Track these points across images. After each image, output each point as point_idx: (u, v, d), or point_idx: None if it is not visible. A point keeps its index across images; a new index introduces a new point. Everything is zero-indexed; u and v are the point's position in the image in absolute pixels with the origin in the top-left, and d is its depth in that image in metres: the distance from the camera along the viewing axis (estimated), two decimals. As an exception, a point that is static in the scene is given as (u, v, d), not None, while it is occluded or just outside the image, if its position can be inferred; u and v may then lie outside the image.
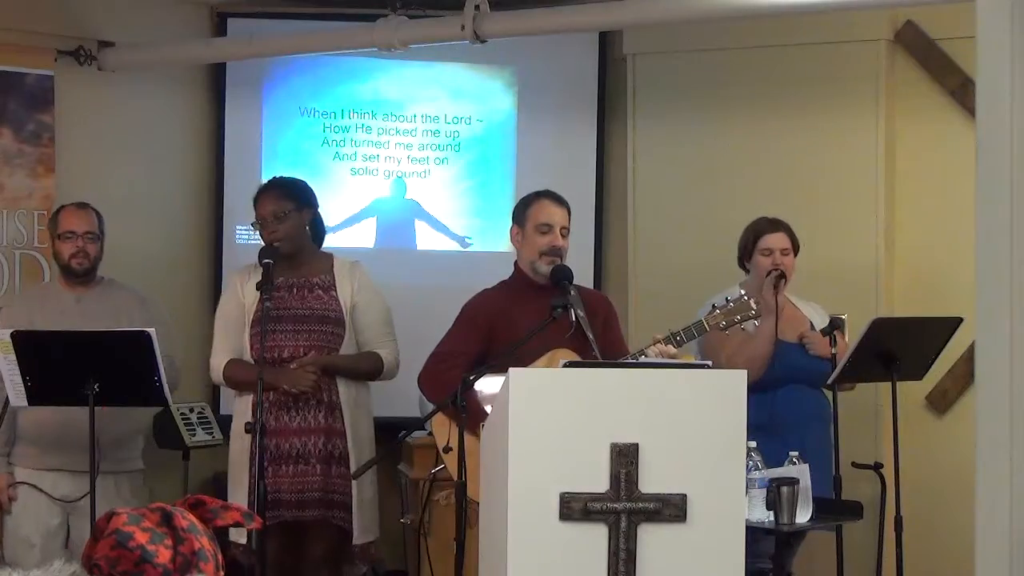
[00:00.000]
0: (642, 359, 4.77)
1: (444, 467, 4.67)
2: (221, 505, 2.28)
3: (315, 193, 5.52)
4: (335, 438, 5.30)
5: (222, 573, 2.21)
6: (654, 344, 4.79)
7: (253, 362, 5.28)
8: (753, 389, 5.19)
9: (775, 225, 5.50)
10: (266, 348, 5.21)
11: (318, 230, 5.52)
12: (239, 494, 5.19)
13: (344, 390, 5.33)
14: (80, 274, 5.42)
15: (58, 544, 5.34)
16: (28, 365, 4.93)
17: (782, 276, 5.35)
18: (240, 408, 5.35)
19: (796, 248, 5.48)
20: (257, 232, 5.43)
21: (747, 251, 5.51)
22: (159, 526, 2.18)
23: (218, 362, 5.39)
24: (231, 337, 5.39)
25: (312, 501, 5.26)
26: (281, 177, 5.60)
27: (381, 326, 5.43)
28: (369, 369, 5.39)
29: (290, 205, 5.36)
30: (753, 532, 4.18)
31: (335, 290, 5.39)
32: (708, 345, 5.30)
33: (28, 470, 5.36)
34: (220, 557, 2.22)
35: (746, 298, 4.89)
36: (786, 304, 5.42)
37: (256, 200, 5.44)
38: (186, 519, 2.20)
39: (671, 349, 4.78)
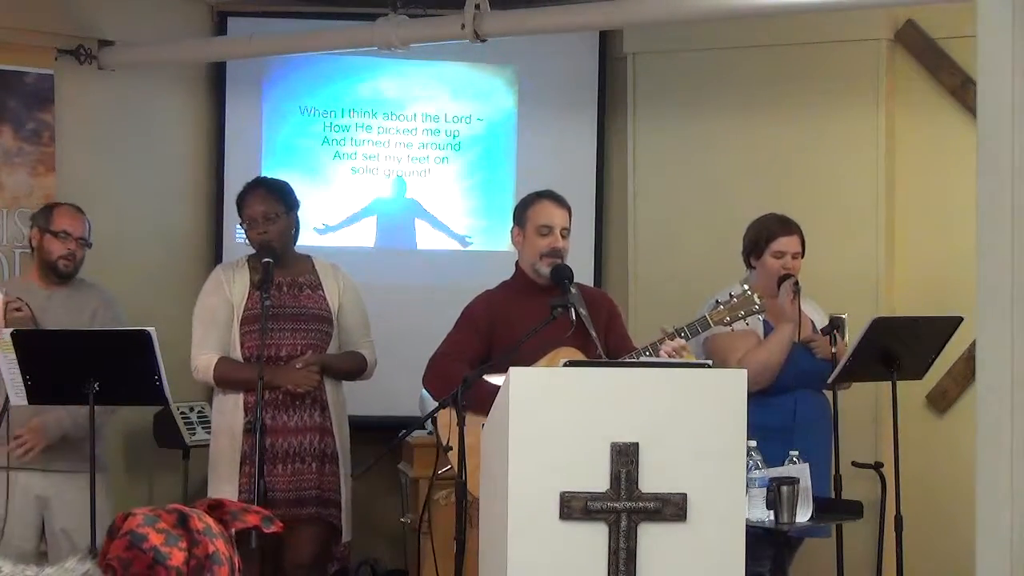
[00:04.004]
0: (650, 355, 4.75)
1: (450, 467, 4.66)
2: (240, 508, 2.27)
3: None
4: (327, 437, 5.34)
5: None
6: (664, 338, 4.76)
7: (243, 360, 5.28)
8: (772, 392, 5.21)
9: (789, 227, 5.40)
10: (263, 346, 5.22)
11: (296, 232, 5.53)
12: (224, 492, 5.17)
13: (330, 390, 5.37)
14: (64, 276, 5.41)
15: (31, 545, 5.30)
16: (28, 364, 4.93)
17: (797, 283, 5.30)
18: (226, 407, 5.32)
19: (804, 250, 5.44)
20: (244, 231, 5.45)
21: (757, 249, 5.41)
22: (174, 528, 2.16)
23: (206, 360, 5.32)
24: (216, 334, 5.35)
25: (308, 499, 5.28)
26: (267, 178, 5.66)
27: (363, 328, 5.50)
28: (355, 369, 5.45)
29: (281, 207, 5.38)
30: (752, 537, 4.16)
31: (322, 290, 5.43)
32: (717, 347, 5.27)
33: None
34: (237, 560, 2.20)
35: (749, 293, 4.86)
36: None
37: (243, 200, 5.43)
38: (202, 521, 2.18)
39: (683, 342, 4.76)
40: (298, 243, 5.51)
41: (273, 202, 5.37)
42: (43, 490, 5.30)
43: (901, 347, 5.22)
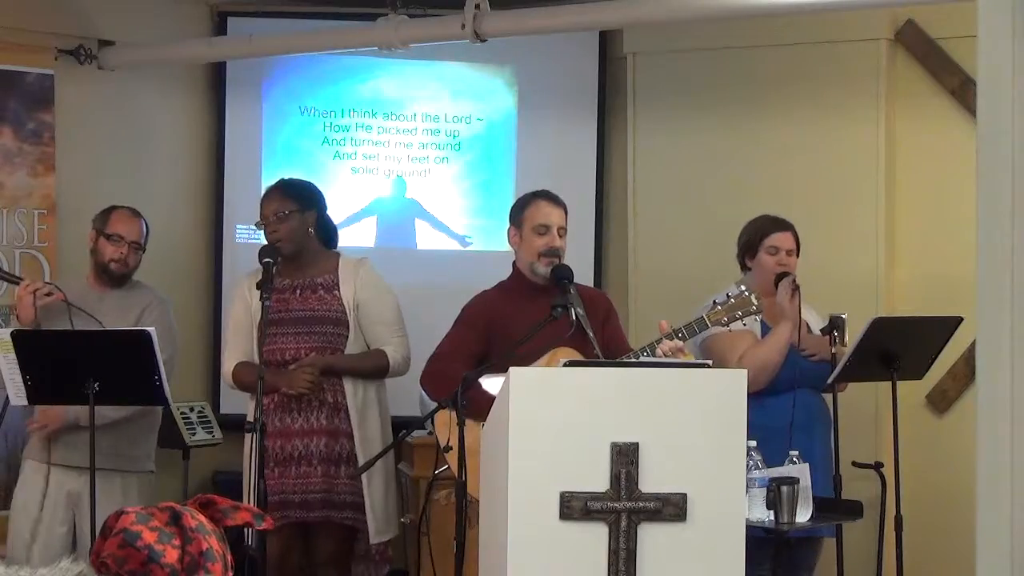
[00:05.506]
0: (648, 355, 4.74)
1: (447, 467, 4.66)
2: (231, 505, 2.28)
3: (322, 195, 5.53)
4: (341, 439, 5.31)
5: (231, 574, 2.20)
6: (663, 337, 4.76)
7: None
8: (771, 392, 5.20)
9: (782, 224, 5.41)
10: (269, 350, 5.23)
11: (327, 231, 5.52)
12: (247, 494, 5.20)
13: (351, 391, 5.33)
14: (116, 278, 5.41)
15: (61, 542, 5.32)
16: (28, 364, 4.93)
17: (795, 281, 5.29)
18: (250, 409, 5.36)
19: (799, 248, 5.45)
20: (260, 232, 5.45)
21: (751, 248, 5.42)
22: (167, 526, 2.17)
23: (228, 366, 5.44)
24: (240, 341, 5.42)
25: (316, 502, 5.28)
26: (289, 179, 5.61)
27: (387, 323, 5.42)
28: (372, 368, 5.38)
29: (292, 206, 5.37)
30: (752, 540, 4.16)
31: (338, 290, 5.40)
32: (717, 348, 5.26)
33: (36, 463, 5.35)
34: (229, 557, 2.21)
35: (747, 294, 4.85)
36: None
37: (261, 202, 5.47)
38: (195, 519, 2.19)
39: (680, 343, 4.75)
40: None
41: (285, 201, 5.38)
42: (75, 487, 5.30)
43: (901, 347, 5.22)
